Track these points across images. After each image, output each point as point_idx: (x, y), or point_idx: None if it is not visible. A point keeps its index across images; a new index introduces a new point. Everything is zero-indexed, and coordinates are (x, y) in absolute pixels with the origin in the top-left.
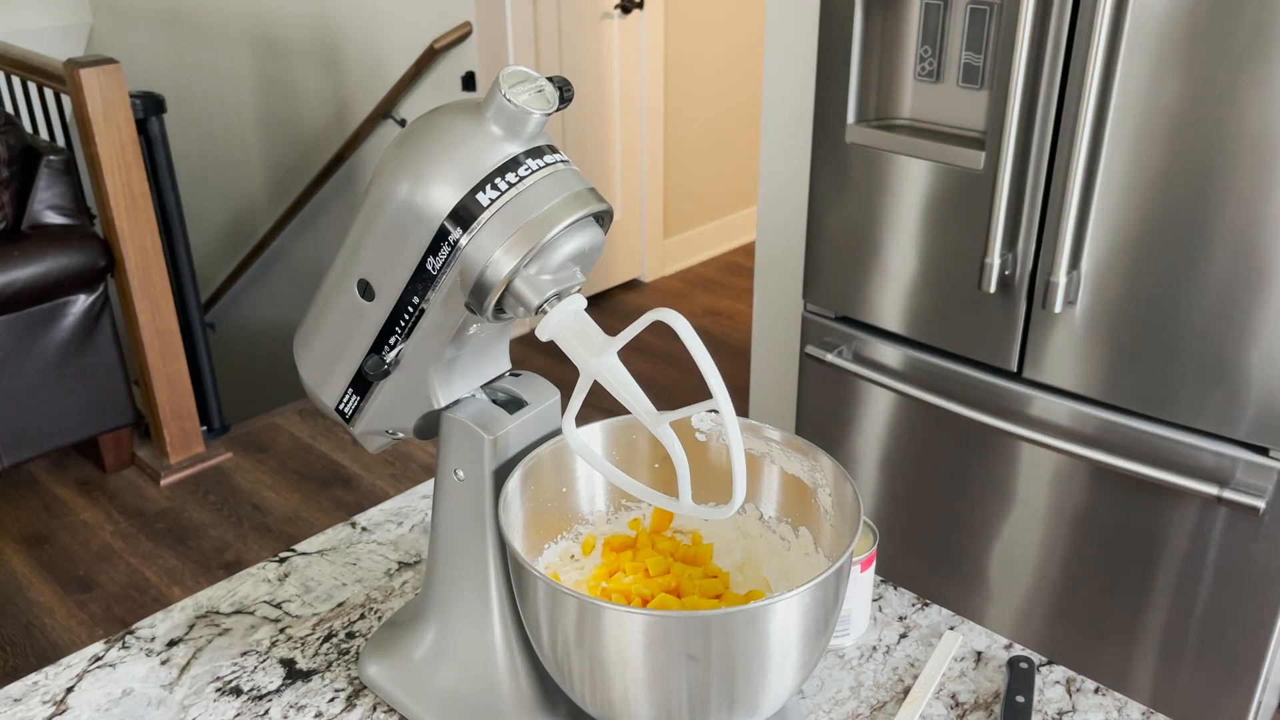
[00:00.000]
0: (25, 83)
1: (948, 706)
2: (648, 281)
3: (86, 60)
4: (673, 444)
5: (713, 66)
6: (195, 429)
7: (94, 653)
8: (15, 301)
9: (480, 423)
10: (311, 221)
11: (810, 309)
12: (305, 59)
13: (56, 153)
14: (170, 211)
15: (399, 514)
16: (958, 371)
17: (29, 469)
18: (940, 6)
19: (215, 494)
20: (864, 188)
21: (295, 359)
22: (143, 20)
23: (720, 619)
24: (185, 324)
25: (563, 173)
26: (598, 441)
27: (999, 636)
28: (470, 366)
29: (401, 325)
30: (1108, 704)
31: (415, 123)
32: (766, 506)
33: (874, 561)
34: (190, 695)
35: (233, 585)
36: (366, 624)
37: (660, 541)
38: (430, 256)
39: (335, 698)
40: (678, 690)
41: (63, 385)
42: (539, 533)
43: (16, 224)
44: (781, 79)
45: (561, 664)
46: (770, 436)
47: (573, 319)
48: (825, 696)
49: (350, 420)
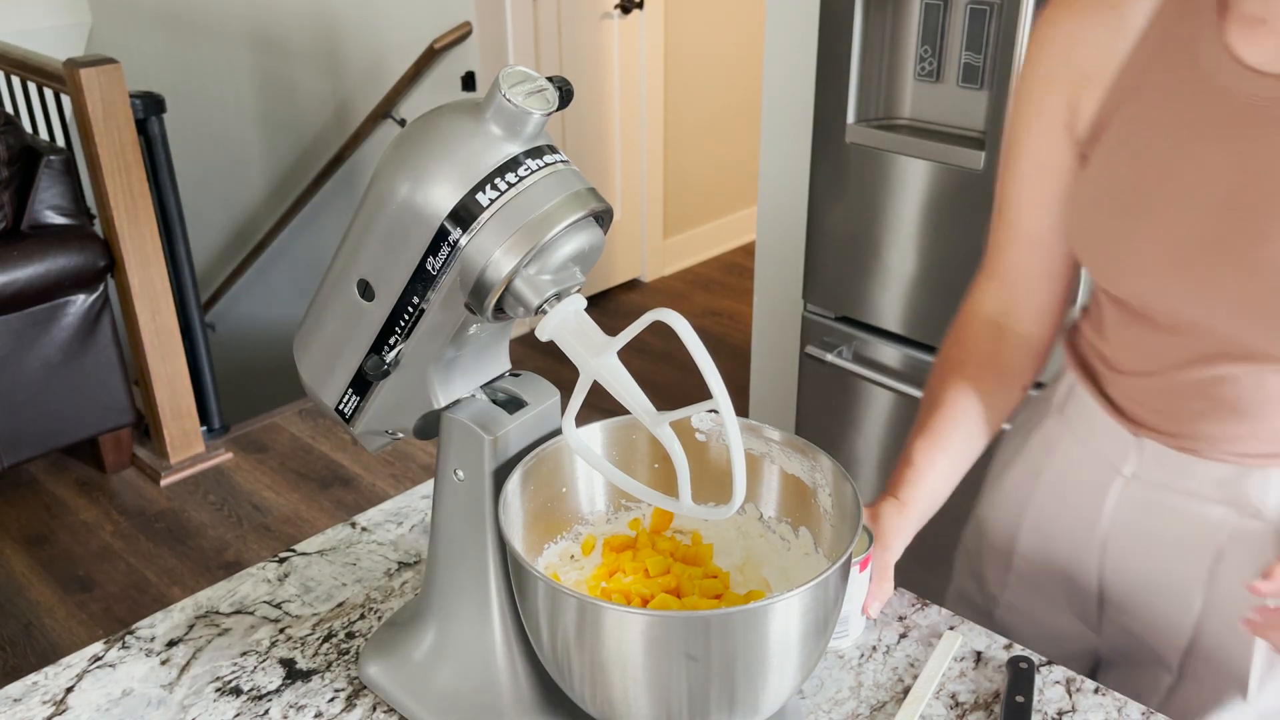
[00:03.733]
0: (25, 83)
1: (948, 706)
2: (648, 281)
3: (86, 60)
4: (673, 444)
5: (713, 66)
6: (195, 429)
7: (94, 653)
8: (15, 301)
9: (480, 423)
10: (311, 221)
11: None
12: (305, 59)
13: (56, 153)
14: (170, 211)
15: (399, 514)
16: None
17: (29, 469)
18: (940, 6)
19: (215, 494)
20: (864, 188)
21: (295, 359)
22: (143, 20)
23: (720, 619)
24: (185, 324)
25: (563, 173)
26: (598, 441)
27: (999, 636)
28: (470, 366)
29: (401, 325)
30: (1108, 704)
31: (415, 123)
32: (766, 506)
33: (870, 563)
34: (190, 695)
35: (232, 585)
36: (366, 624)
37: (660, 541)
38: (430, 256)
39: (335, 698)
40: (678, 690)
41: (63, 385)
42: (539, 533)
43: (16, 224)
44: (781, 79)
45: (561, 664)
46: (770, 436)
47: (573, 319)
48: (825, 696)
49: (350, 420)
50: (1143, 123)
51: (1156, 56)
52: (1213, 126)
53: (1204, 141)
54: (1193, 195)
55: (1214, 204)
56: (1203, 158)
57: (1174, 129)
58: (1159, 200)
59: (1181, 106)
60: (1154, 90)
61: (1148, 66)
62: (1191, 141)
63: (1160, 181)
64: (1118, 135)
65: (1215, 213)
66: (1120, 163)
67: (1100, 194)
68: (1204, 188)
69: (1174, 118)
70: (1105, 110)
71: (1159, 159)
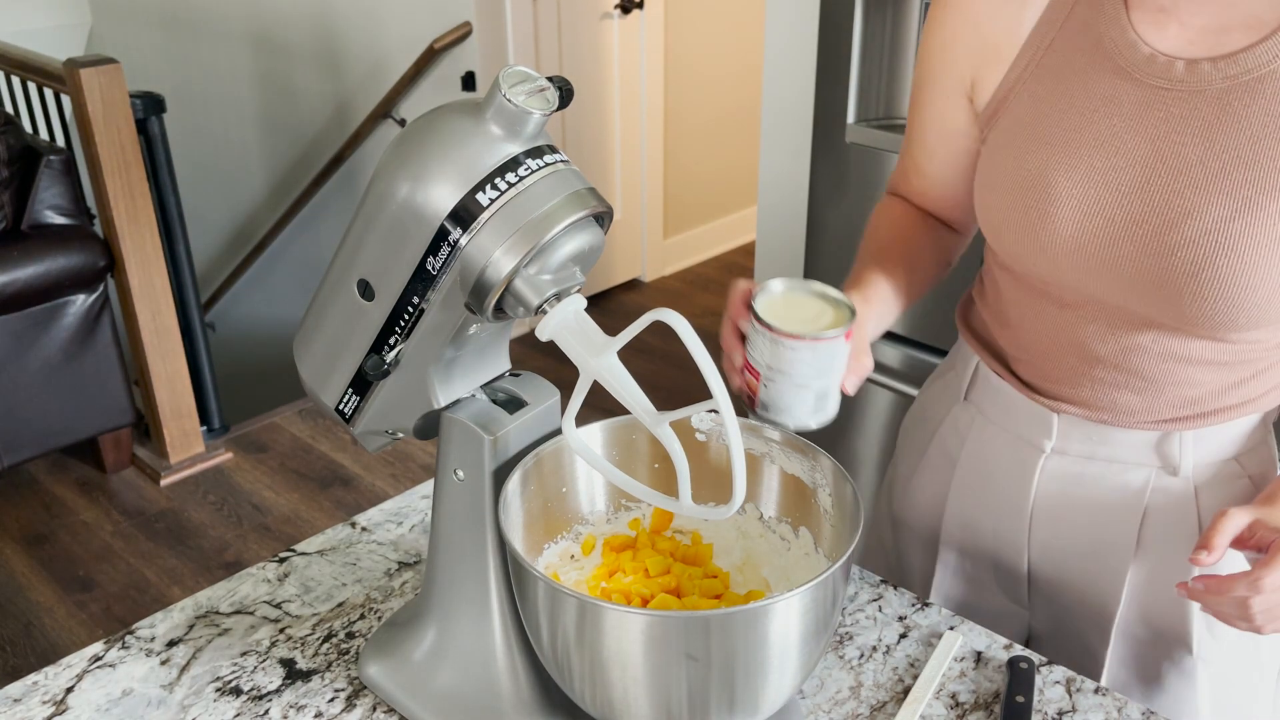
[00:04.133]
0: (25, 83)
1: (948, 706)
2: (648, 281)
3: (86, 60)
4: (673, 444)
5: (713, 66)
6: (195, 429)
7: (94, 653)
8: (15, 301)
9: (480, 423)
10: (311, 221)
11: None
12: (305, 59)
13: (56, 153)
14: (170, 211)
15: (399, 514)
16: None
17: (29, 469)
18: None
19: (215, 494)
20: (864, 188)
21: (295, 359)
22: (143, 20)
23: (720, 619)
24: (185, 324)
25: (563, 172)
26: (598, 441)
27: (999, 636)
28: (470, 366)
29: (401, 325)
30: (1108, 704)
31: (415, 123)
32: (766, 506)
33: (853, 335)
34: (190, 695)
35: (232, 585)
36: (366, 624)
37: (660, 541)
38: (430, 256)
39: (335, 698)
40: (678, 690)
41: (63, 385)
42: (539, 533)
43: (16, 224)
44: (781, 79)
45: (561, 664)
46: (770, 436)
47: (573, 319)
48: (825, 696)
49: (350, 420)
50: (1045, 102)
51: (1058, 36)
52: (1120, 108)
53: (1111, 122)
54: (1103, 177)
55: (1126, 187)
56: (1110, 139)
57: (1079, 111)
58: (1064, 181)
59: (1086, 88)
60: (1055, 69)
61: (1048, 46)
62: (1097, 124)
63: (1065, 162)
64: (1017, 114)
65: (1128, 195)
66: (1022, 142)
67: (1002, 174)
68: (1115, 171)
69: (1079, 99)
70: (1003, 88)
71: (1063, 139)
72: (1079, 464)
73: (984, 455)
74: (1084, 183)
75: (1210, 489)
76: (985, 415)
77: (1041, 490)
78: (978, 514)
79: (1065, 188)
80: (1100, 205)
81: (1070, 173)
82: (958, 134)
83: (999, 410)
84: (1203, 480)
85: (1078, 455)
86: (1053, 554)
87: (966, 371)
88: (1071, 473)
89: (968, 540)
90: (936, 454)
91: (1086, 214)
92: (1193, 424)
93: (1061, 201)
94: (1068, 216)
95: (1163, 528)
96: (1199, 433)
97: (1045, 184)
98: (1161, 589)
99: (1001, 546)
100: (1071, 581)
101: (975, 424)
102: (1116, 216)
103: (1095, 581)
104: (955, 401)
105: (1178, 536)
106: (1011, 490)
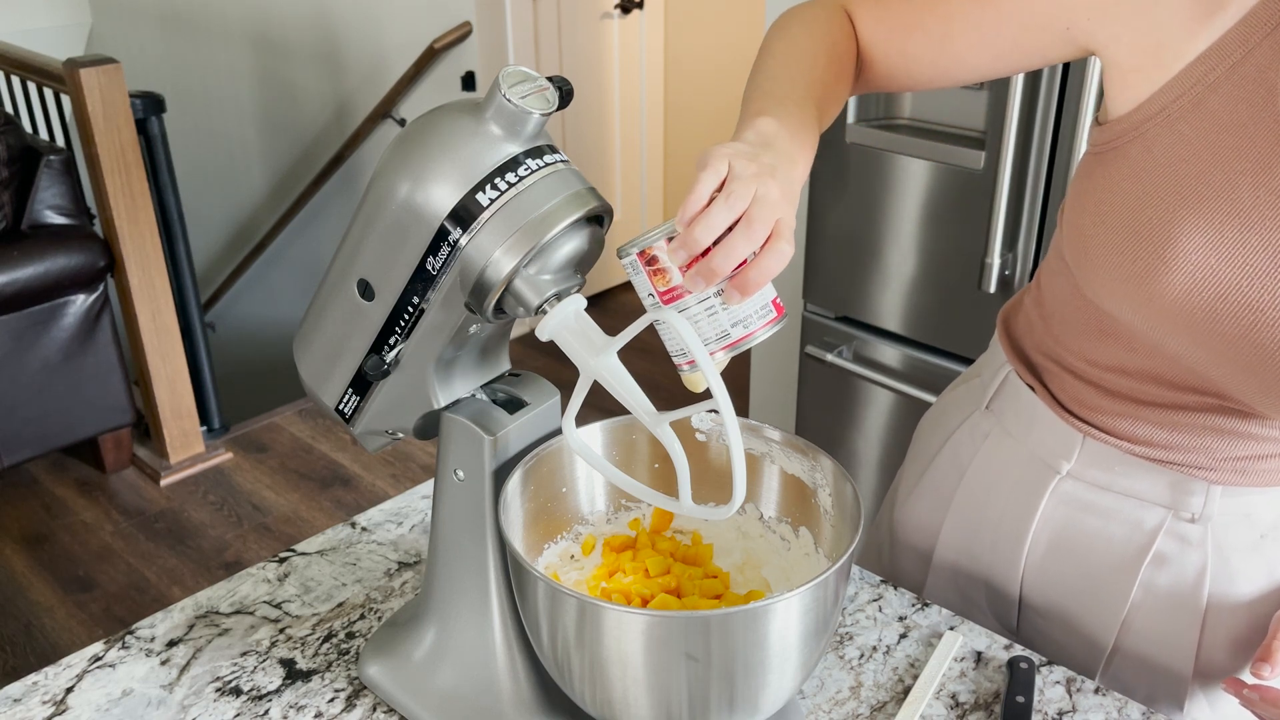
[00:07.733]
0: (25, 83)
1: (948, 706)
2: None
3: (86, 60)
4: (673, 444)
5: (713, 66)
6: (195, 429)
7: (94, 653)
8: (15, 301)
9: (480, 423)
10: (311, 221)
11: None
12: (305, 59)
13: (56, 153)
14: (170, 211)
15: (399, 514)
16: (958, 371)
17: (29, 469)
18: None
19: (215, 494)
20: (864, 188)
21: (295, 359)
22: (143, 20)
23: (720, 619)
24: (185, 324)
25: (563, 172)
26: (598, 441)
27: (999, 637)
28: (470, 366)
29: (401, 325)
30: (1108, 704)
31: (415, 122)
32: (766, 507)
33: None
34: (190, 695)
35: (232, 585)
36: (366, 624)
37: (660, 541)
38: (430, 256)
39: (335, 698)
40: (678, 690)
41: (63, 385)
42: (539, 533)
43: (16, 224)
44: None
45: (561, 664)
46: (770, 436)
47: (573, 319)
48: (825, 696)
49: (350, 420)
50: (1191, 147)
51: (1228, 78)
52: (1272, 180)
53: (1257, 195)
54: (1232, 252)
55: (1254, 270)
56: (1252, 211)
57: (1225, 170)
58: (1187, 244)
59: (1240, 146)
60: (1215, 114)
61: (1212, 84)
62: (1241, 191)
63: (1194, 223)
64: (1155, 150)
65: (1254, 278)
66: (1153, 182)
67: (1118, 211)
68: (1246, 249)
69: (1228, 157)
70: (1144, 110)
71: (1198, 196)
72: (1093, 492)
73: (995, 467)
74: (1208, 251)
75: (1229, 546)
76: (1004, 426)
77: (1048, 513)
78: (978, 527)
79: (1186, 251)
80: (1218, 279)
81: (1195, 235)
82: (1035, 28)
83: (1021, 424)
84: (1222, 536)
85: (1093, 483)
86: (1047, 581)
87: (994, 380)
88: (1083, 499)
89: (963, 554)
90: (947, 460)
91: (1201, 284)
92: (1229, 479)
93: (1179, 264)
94: (1180, 282)
95: (1169, 575)
96: (1229, 488)
97: (1166, 239)
98: (1156, 638)
99: (996, 564)
100: (1063, 612)
101: (992, 434)
102: (1232, 296)
103: (1087, 618)
104: (976, 408)
105: (1184, 588)
106: (1016, 507)
